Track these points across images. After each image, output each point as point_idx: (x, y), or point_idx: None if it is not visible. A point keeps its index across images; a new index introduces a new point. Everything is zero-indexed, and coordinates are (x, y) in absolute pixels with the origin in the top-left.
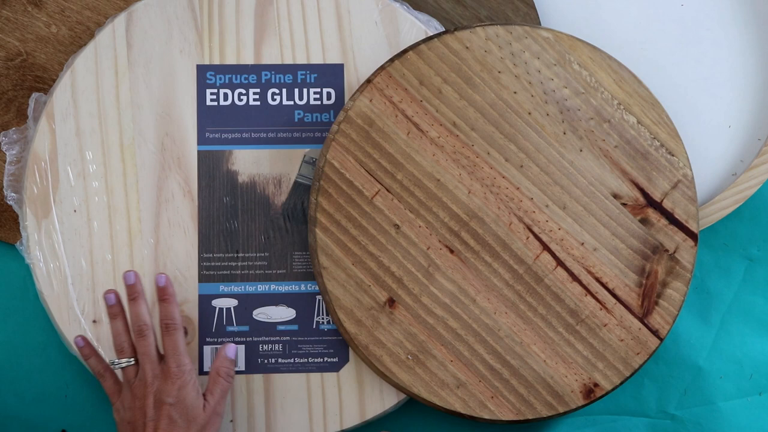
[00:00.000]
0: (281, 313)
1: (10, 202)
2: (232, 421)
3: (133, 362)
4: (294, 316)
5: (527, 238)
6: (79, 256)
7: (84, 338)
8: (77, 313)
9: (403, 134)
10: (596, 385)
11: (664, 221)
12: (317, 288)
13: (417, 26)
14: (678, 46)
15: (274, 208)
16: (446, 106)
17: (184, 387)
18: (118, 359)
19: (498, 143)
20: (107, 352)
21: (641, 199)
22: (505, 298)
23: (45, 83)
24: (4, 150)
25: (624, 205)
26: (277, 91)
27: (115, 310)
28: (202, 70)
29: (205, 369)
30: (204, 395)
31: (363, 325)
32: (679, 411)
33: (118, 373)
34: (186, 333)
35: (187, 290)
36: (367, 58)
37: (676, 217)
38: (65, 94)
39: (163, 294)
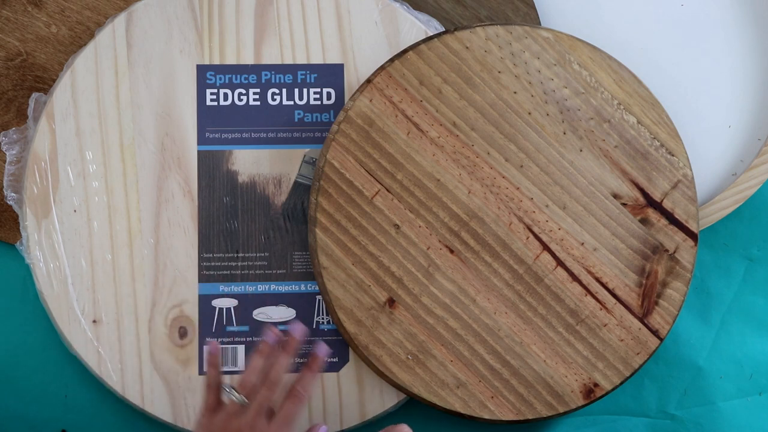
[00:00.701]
0: (281, 313)
1: (10, 202)
2: None
3: (246, 402)
4: (294, 316)
5: (527, 238)
6: (79, 256)
7: (217, 348)
8: (77, 313)
9: (403, 134)
10: (596, 385)
11: (664, 221)
12: (317, 288)
13: (417, 26)
14: (678, 46)
15: (274, 208)
16: (446, 106)
17: None
18: (237, 392)
19: (498, 143)
20: (107, 352)
21: (641, 199)
22: (505, 298)
23: (45, 83)
24: (4, 150)
25: (624, 205)
26: (277, 91)
27: (268, 349)
28: (202, 70)
29: (205, 369)
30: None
31: (363, 325)
32: (679, 411)
33: (225, 398)
34: (186, 334)
35: (187, 290)
36: (367, 58)
37: (676, 217)
38: (65, 94)
39: (312, 364)
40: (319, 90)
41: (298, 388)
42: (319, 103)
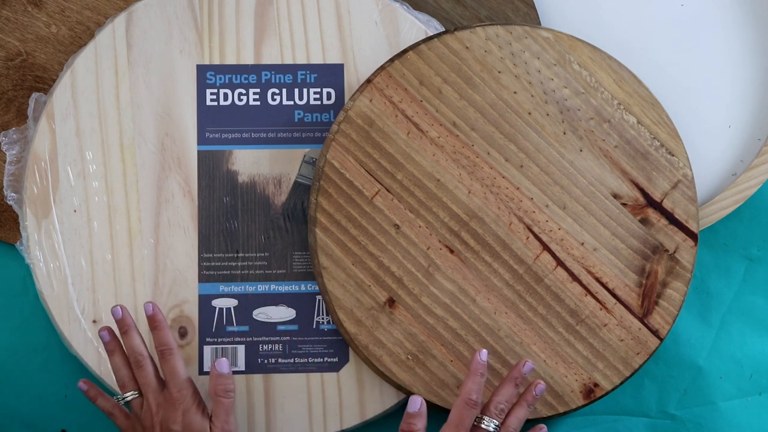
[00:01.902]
0: (281, 313)
1: (10, 202)
2: None
3: (137, 395)
4: (294, 316)
5: (527, 238)
6: (79, 256)
7: (87, 382)
8: (77, 313)
9: (403, 134)
10: (596, 385)
11: (664, 221)
12: (317, 288)
13: (417, 26)
14: (678, 47)
15: (274, 208)
16: (446, 106)
17: (188, 411)
18: (123, 394)
19: (498, 143)
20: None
21: (641, 199)
22: (505, 298)
23: (45, 83)
24: (4, 150)
25: (624, 205)
26: (277, 91)
27: (111, 346)
28: (202, 70)
29: (205, 369)
30: (210, 419)
31: (363, 325)
32: (679, 411)
33: (129, 408)
34: (186, 334)
35: (187, 290)
36: (367, 58)
37: (676, 217)
38: (65, 94)
39: (153, 322)
40: (319, 90)
41: (158, 348)
42: (319, 103)
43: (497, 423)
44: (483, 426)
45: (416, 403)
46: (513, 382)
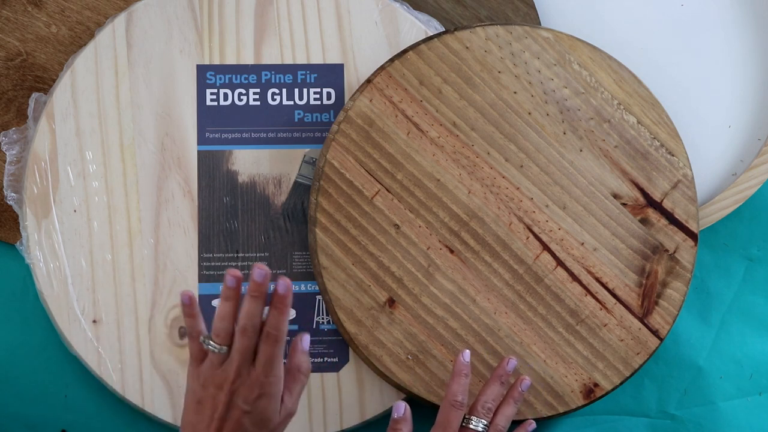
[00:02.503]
0: None
1: (10, 202)
2: None
3: (225, 351)
4: (294, 316)
5: (527, 238)
6: (79, 256)
7: (192, 298)
8: (77, 313)
9: (403, 134)
10: (596, 385)
11: (664, 221)
12: (317, 288)
13: (417, 26)
14: (678, 46)
15: (274, 208)
16: (446, 106)
17: (264, 397)
18: (213, 341)
19: (498, 143)
20: (107, 353)
21: (641, 199)
22: (505, 298)
23: (45, 83)
24: (4, 150)
25: (624, 205)
26: (277, 91)
27: (230, 294)
28: (202, 70)
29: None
30: (282, 395)
31: (363, 325)
32: (679, 411)
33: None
34: (186, 334)
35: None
36: (367, 58)
37: (676, 217)
38: (65, 94)
39: (279, 302)
40: (319, 90)
41: (269, 330)
42: (319, 103)
43: (486, 422)
44: (471, 426)
45: (400, 409)
46: (498, 381)
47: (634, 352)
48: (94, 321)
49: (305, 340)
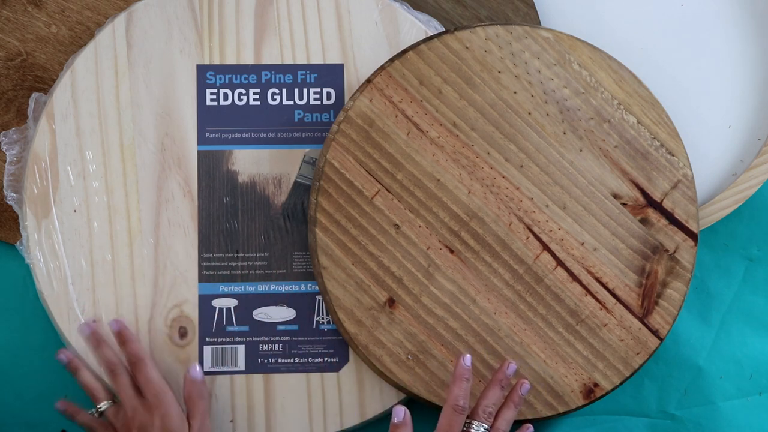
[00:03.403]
0: (281, 313)
1: (10, 202)
2: (232, 421)
3: (111, 403)
4: (294, 316)
5: (527, 238)
6: (79, 256)
7: (64, 401)
8: (77, 313)
9: (403, 134)
10: (596, 385)
11: (664, 221)
12: (317, 288)
13: (417, 26)
14: (678, 46)
15: (274, 208)
16: (446, 106)
17: (165, 415)
18: (98, 406)
19: (498, 143)
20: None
21: (641, 199)
22: (505, 298)
23: (45, 83)
24: (4, 150)
25: (624, 205)
26: (277, 91)
27: (74, 364)
28: (202, 70)
29: (205, 369)
30: (187, 419)
31: (363, 325)
32: (679, 411)
33: (105, 418)
34: (186, 334)
35: (187, 290)
36: (367, 58)
37: (676, 217)
38: (65, 94)
39: (121, 337)
40: (319, 90)
41: (129, 359)
42: (319, 103)
43: (487, 426)
44: (473, 430)
45: (400, 413)
46: (498, 385)
47: (634, 352)
48: (94, 321)
49: (192, 370)
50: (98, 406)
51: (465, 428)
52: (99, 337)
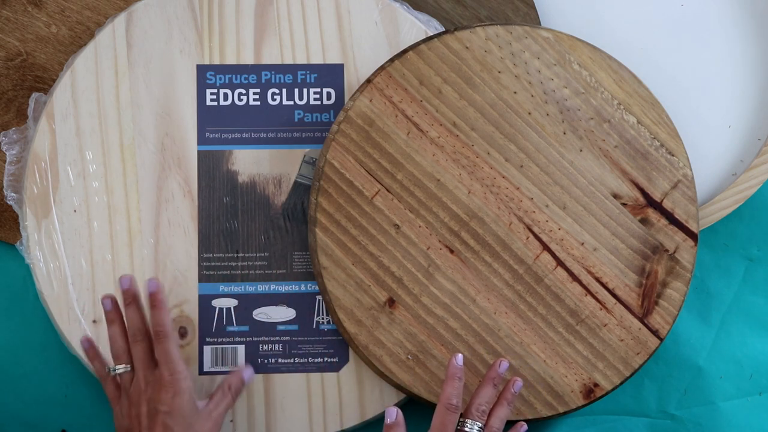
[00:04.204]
0: (281, 313)
1: (10, 202)
2: (232, 421)
3: (129, 369)
4: (294, 316)
5: (527, 238)
6: (79, 256)
7: (89, 340)
8: (77, 313)
9: (403, 134)
10: (596, 385)
11: (664, 221)
12: (317, 288)
13: (417, 26)
14: (678, 46)
15: (274, 208)
16: (446, 106)
17: (177, 395)
18: (115, 365)
19: (498, 143)
20: (107, 353)
21: (641, 199)
22: (505, 298)
23: (45, 83)
24: (4, 150)
25: (624, 205)
26: (277, 91)
27: (111, 315)
28: (202, 70)
29: (205, 369)
30: (209, 402)
31: (363, 325)
32: (679, 411)
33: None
34: (186, 334)
35: (187, 290)
36: (367, 58)
37: (676, 217)
38: (65, 94)
39: (153, 300)
40: (319, 90)
41: (154, 328)
42: (319, 103)
43: (480, 425)
44: (466, 429)
45: (392, 414)
46: (491, 383)
47: (634, 352)
48: (94, 321)
49: (248, 371)
50: (116, 367)
51: (458, 427)
52: (133, 295)
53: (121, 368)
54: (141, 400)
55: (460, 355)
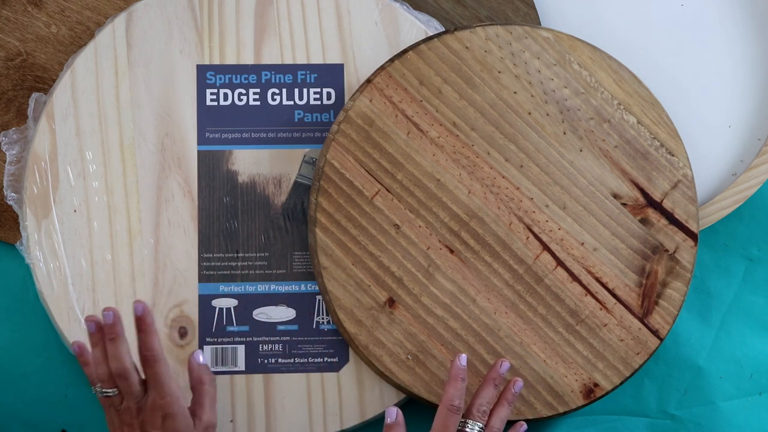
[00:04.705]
0: (281, 313)
1: (10, 202)
2: (232, 421)
3: (117, 393)
4: (294, 316)
5: (527, 238)
6: (79, 256)
7: (81, 346)
8: (77, 313)
9: (403, 134)
10: (596, 385)
11: (664, 221)
12: (317, 288)
13: (417, 26)
14: (678, 47)
15: (274, 208)
16: (446, 106)
17: (170, 417)
18: (102, 387)
19: (498, 143)
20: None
21: (641, 199)
22: (505, 298)
23: (45, 83)
24: (4, 150)
25: (624, 205)
26: (277, 91)
27: (95, 338)
28: (202, 70)
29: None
30: (193, 411)
31: (363, 325)
32: (679, 411)
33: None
34: (186, 334)
35: (187, 290)
36: (367, 58)
37: (676, 217)
38: (65, 94)
39: (140, 324)
40: (319, 90)
41: (143, 353)
42: (319, 103)
43: (481, 425)
44: (467, 430)
45: (393, 414)
46: (492, 383)
47: (634, 352)
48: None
49: (196, 355)
50: (104, 390)
51: (459, 427)
52: (117, 332)
53: (109, 392)
54: (134, 423)
55: (464, 356)
